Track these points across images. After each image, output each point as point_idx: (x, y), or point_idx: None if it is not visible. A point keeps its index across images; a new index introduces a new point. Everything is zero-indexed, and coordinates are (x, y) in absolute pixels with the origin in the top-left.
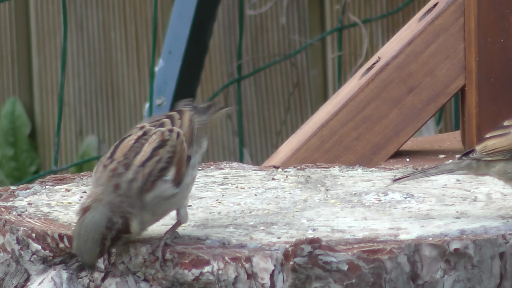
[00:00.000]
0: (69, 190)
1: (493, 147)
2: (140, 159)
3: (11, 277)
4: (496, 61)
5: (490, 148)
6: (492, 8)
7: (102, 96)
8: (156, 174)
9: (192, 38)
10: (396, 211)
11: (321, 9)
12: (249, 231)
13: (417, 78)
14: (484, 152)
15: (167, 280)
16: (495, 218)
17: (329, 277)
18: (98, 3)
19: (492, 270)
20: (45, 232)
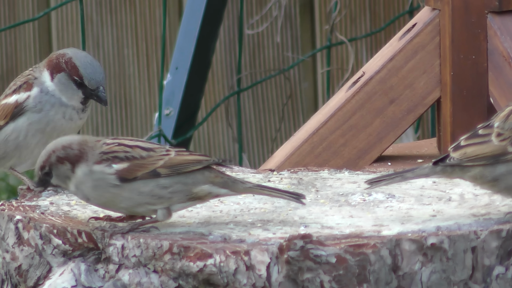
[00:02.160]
0: None
1: (474, 153)
2: (127, 143)
3: (34, 268)
4: (468, 76)
5: (470, 154)
6: (465, 28)
7: (116, 106)
8: (110, 156)
9: (197, 55)
10: (379, 210)
11: (312, 29)
12: (248, 228)
13: (397, 90)
14: (464, 158)
15: (174, 272)
16: (468, 216)
17: (319, 268)
18: (112, 23)
19: (465, 263)
20: (65, 229)
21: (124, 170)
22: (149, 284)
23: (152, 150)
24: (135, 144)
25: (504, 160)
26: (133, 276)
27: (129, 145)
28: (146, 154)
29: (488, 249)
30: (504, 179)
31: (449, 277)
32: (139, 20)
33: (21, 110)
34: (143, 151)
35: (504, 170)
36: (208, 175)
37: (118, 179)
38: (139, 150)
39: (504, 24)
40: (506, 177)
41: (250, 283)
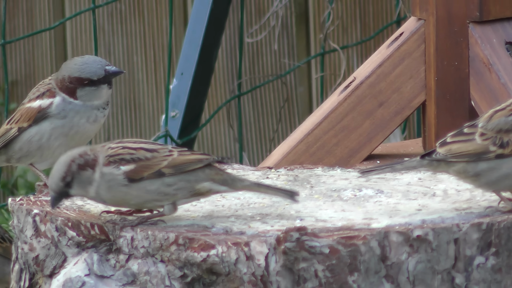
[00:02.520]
0: None
1: (459, 150)
2: (131, 145)
3: (51, 258)
4: (451, 81)
5: (455, 151)
6: (448, 37)
7: (126, 109)
8: (117, 159)
9: (200, 62)
10: (369, 204)
11: (307, 37)
12: (248, 221)
13: (386, 94)
14: (449, 154)
15: (179, 261)
16: (451, 210)
17: (314, 258)
18: (123, 33)
19: (448, 253)
20: (79, 222)
21: (131, 171)
22: (156, 273)
23: (156, 151)
24: (139, 146)
25: (486, 158)
26: (142, 266)
27: (133, 148)
28: (150, 155)
29: (470, 241)
30: (485, 175)
31: (433, 267)
32: (147, 30)
33: (44, 115)
34: (147, 152)
35: (486, 167)
36: (209, 172)
37: (127, 180)
38: (143, 151)
39: (484, 33)
40: (487, 173)
41: (250, 272)
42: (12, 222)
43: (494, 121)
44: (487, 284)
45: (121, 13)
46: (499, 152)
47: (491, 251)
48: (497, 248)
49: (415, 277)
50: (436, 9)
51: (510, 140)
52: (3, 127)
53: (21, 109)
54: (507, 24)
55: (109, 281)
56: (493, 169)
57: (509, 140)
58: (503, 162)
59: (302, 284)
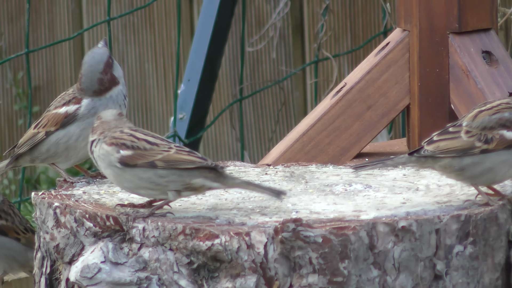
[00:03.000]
0: None
1: (446, 147)
2: (138, 135)
3: (70, 247)
4: (433, 86)
5: (443, 148)
6: (430, 46)
7: (138, 111)
8: (119, 142)
9: (206, 69)
10: (358, 198)
11: (302, 47)
12: (248, 213)
13: (374, 98)
14: (437, 150)
15: (186, 250)
16: (432, 203)
17: (308, 247)
18: (135, 42)
19: (430, 242)
20: (96, 214)
21: (127, 157)
22: (165, 260)
23: (156, 144)
24: (144, 138)
25: (471, 153)
26: (152, 253)
27: (138, 138)
28: (149, 147)
29: (449, 231)
30: (469, 169)
31: (416, 254)
32: (157, 40)
33: (72, 119)
34: (148, 144)
35: (470, 162)
36: (203, 170)
37: (120, 163)
38: (144, 143)
39: (462, 43)
40: (471, 168)
41: (250, 259)
42: (35, 214)
43: (479, 120)
44: (465, 271)
45: (134, 24)
46: (484, 148)
47: (469, 241)
48: (474, 237)
49: (400, 264)
50: (419, 21)
51: (494, 137)
52: (30, 131)
53: (48, 115)
54: (483, 34)
55: (122, 268)
56: (477, 164)
57: (493, 137)
58: (486, 157)
59: (298, 270)
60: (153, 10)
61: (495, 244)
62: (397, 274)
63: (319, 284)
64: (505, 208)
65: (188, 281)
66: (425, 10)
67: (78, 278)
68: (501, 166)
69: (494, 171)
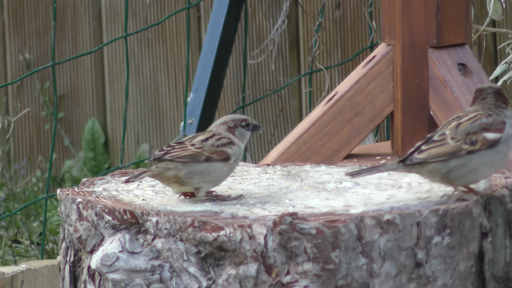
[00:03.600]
0: None
1: (437, 153)
2: (204, 139)
3: (91, 238)
4: (414, 95)
5: (434, 153)
6: (412, 59)
7: (152, 117)
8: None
9: (212, 79)
10: (348, 194)
11: (298, 59)
12: (250, 207)
13: (361, 105)
14: (430, 156)
15: (195, 240)
16: (414, 199)
17: (303, 238)
18: (149, 56)
19: (412, 234)
20: (114, 208)
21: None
22: (176, 250)
23: None
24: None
25: (459, 155)
26: (165, 244)
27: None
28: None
29: (429, 224)
30: (455, 171)
31: (400, 244)
32: (169, 53)
33: None
34: None
35: (456, 164)
36: None
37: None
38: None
39: (440, 56)
40: (457, 169)
41: (252, 249)
42: (60, 209)
43: (462, 128)
44: (443, 259)
45: (148, 40)
46: (470, 149)
47: (446, 232)
48: (451, 229)
49: (385, 253)
50: (402, 37)
51: (477, 139)
52: None
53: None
54: (458, 49)
55: (138, 256)
56: (463, 165)
57: (477, 139)
58: (471, 158)
59: (294, 258)
60: (166, 27)
61: (470, 235)
62: (382, 262)
63: (313, 271)
64: (478, 203)
65: (196, 268)
66: (407, 27)
67: (99, 266)
68: (483, 166)
69: (477, 171)
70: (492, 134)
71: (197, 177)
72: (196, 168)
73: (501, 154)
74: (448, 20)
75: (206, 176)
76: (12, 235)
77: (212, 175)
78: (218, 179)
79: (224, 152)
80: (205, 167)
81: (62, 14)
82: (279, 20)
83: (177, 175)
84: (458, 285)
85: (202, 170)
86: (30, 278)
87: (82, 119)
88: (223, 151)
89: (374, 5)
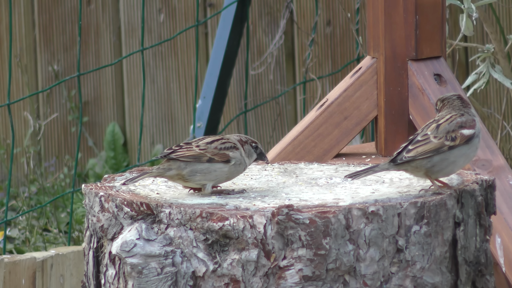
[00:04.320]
0: None
1: (423, 150)
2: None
3: (112, 227)
4: (395, 101)
5: (421, 151)
6: (393, 70)
7: (165, 121)
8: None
9: (218, 88)
10: (337, 189)
11: (293, 70)
12: (251, 200)
13: (349, 111)
14: (418, 154)
15: (203, 229)
16: (395, 193)
17: (298, 227)
18: (163, 67)
19: (393, 223)
20: (132, 201)
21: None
22: (187, 237)
23: None
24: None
25: (441, 151)
26: (176, 232)
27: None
28: None
29: (408, 214)
30: (438, 164)
31: (383, 233)
32: (180, 65)
33: None
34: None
35: (439, 158)
36: None
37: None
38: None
39: (418, 67)
40: (439, 163)
41: (253, 237)
42: (85, 201)
43: (442, 128)
44: (421, 245)
45: (162, 53)
46: (451, 144)
47: (423, 222)
48: (428, 219)
49: (370, 240)
50: (385, 50)
51: (456, 135)
52: None
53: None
54: (435, 61)
55: (153, 243)
56: (444, 159)
57: (456, 135)
58: (451, 153)
59: (290, 245)
60: (177, 42)
61: (444, 225)
62: (367, 248)
63: (307, 256)
64: (452, 196)
65: (204, 254)
66: (389, 42)
67: (118, 251)
68: (460, 158)
69: (455, 163)
70: (468, 130)
71: (199, 175)
72: (198, 167)
73: (474, 147)
74: (425, 36)
75: (207, 175)
76: (43, 225)
77: (213, 174)
78: (218, 177)
79: (225, 155)
80: (206, 167)
81: (87, 30)
82: (276, 36)
83: (179, 173)
84: (434, 268)
85: (203, 169)
86: (58, 262)
87: (104, 122)
88: (224, 153)
89: (360, 23)
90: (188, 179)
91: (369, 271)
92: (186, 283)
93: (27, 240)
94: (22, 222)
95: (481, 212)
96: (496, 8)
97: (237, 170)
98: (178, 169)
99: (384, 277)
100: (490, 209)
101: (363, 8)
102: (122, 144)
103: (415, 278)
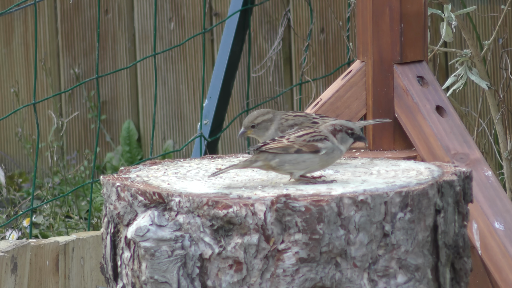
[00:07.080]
0: (158, 169)
1: (274, 147)
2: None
3: (127, 214)
4: (382, 101)
5: (271, 147)
6: (380, 73)
7: (175, 119)
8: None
9: (223, 89)
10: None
11: (290, 73)
12: (253, 190)
13: (341, 109)
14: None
15: (209, 216)
16: (382, 183)
17: (295, 214)
18: (173, 70)
19: (380, 210)
20: (145, 191)
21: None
22: (194, 223)
23: None
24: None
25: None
26: (185, 219)
27: None
28: None
29: (394, 202)
30: (288, 163)
31: (371, 219)
32: (189, 68)
33: None
34: None
35: (290, 158)
36: None
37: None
38: None
39: (403, 70)
40: (290, 163)
41: (254, 223)
42: (103, 191)
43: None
44: (405, 230)
45: (172, 58)
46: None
47: (407, 209)
48: (411, 207)
49: (359, 226)
50: (373, 55)
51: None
52: None
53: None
54: (418, 64)
55: (164, 228)
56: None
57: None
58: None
59: (287, 230)
60: (186, 47)
61: (426, 212)
62: (357, 233)
63: (303, 240)
64: (433, 186)
65: (210, 238)
66: (377, 47)
67: (133, 236)
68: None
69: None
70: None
71: (288, 165)
72: (286, 158)
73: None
74: (409, 42)
75: (295, 165)
76: (65, 212)
77: (302, 164)
78: (309, 167)
79: (313, 146)
80: (294, 158)
81: (104, 37)
82: (275, 42)
83: (266, 164)
84: (417, 251)
85: (291, 160)
86: (79, 245)
87: (120, 120)
88: (313, 145)
89: (351, 30)
90: (278, 168)
91: (359, 254)
92: (194, 264)
93: (51, 226)
94: (46, 210)
95: (459, 201)
96: (473, 17)
97: (331, 157)
98: (265, 160)
99: (372, 259)
100: (467, 198)
101: (353, 17)
102: (136, 140)
103: (400, 260)
